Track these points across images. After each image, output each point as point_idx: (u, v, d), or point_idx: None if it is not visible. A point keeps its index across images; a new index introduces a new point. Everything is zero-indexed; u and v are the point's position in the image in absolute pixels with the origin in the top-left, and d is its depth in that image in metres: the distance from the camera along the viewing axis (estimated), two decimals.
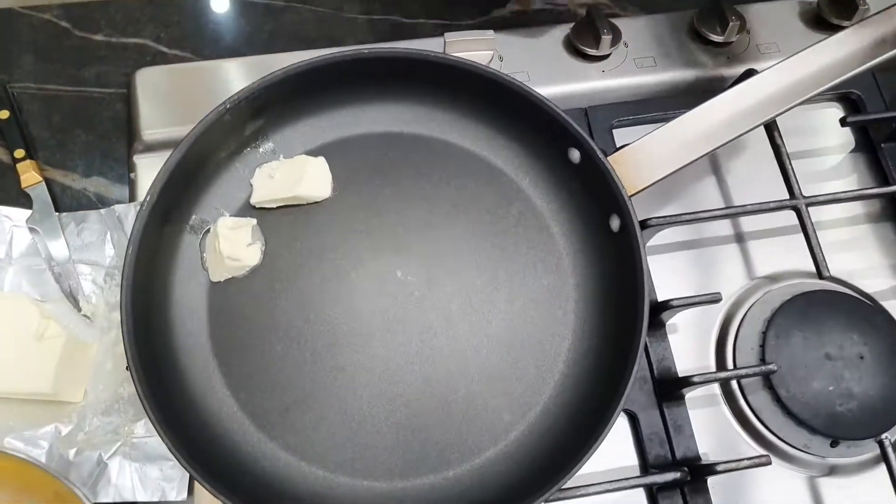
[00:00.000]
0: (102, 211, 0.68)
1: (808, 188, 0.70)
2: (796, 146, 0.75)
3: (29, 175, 0.69)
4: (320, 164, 0.65)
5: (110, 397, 0.64)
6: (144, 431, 0.62)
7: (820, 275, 0.66)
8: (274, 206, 0.64)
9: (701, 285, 0.72)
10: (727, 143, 0.64)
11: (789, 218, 0.72)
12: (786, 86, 0.66)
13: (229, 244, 0.62)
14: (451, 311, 0.63)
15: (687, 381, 0.63)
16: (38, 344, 0.62)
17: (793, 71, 0.66)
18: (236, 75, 0.74)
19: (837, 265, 0.67)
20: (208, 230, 0.64)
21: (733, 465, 0.61)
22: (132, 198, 0.70)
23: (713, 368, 0.69)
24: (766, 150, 0.75)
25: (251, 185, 0.65)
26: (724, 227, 0.74)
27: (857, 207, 0.75)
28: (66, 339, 0.62)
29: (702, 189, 0.76)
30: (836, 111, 0.79)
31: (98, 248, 0.68)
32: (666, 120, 0.68)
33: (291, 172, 0.64)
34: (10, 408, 0.63)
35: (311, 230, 0.65)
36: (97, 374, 0.64)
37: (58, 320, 0.64)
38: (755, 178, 0.76)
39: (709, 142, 0.64)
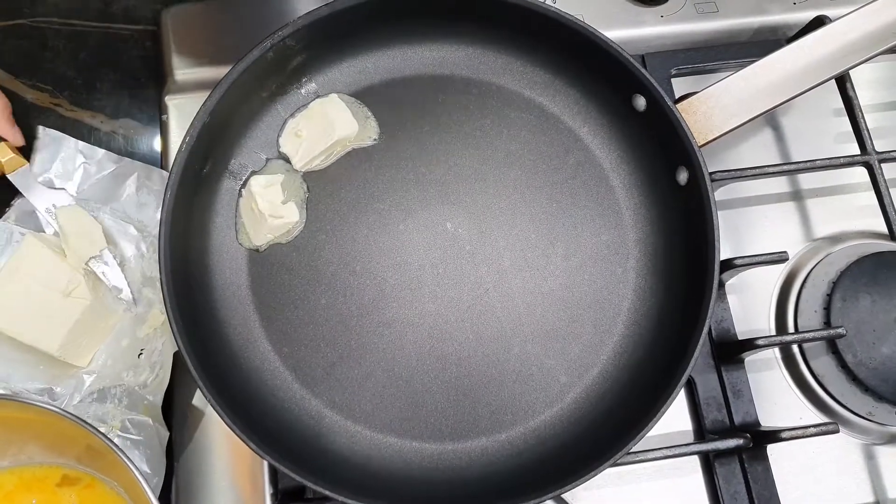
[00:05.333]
0: (165, 172, 0.64)
1: (877, 144, 0.66)
2: (865, 100, 0.71)
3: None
4: (335, 101, 0.61)
5: (112, 379, 0.59)
6: (130, 427, 0.58)
7: (892, 235, 0.63)
8: (322, 160, 0.61)
9: (757, 245, 0.68)
10: (802, 93, 0.60)
11: (852, 175, 0.69)
12: (863, 35, 0.62)
13: (267, 203, 0.58)
14: (503, 267, 0.60)
15: (751, 344, 0.60)
16: (61, 300, 0.59)
17: (871, 19, 0.62)
18: (275, 13, 0.69)
19: None
20: (248, 177, 0.60)
21: (799, 432, 0.58)
22: (164, 141, 0.66)
23: (772, 331, 0.66)
24: (820, 104, 0.72)
25: (285, 156, 0.61)
26: (778, 185, 0.71)
27: None
28: (89, 304, 0.59)
29: (754, 145, 0.72)
30: None
31: (152, 210, 0.64)
32: (728, 69, 0.65)
33: (317, 122, 0.61)
34: (13, 351, 0.59)
35: (356, 178, 0.61)
36: (110, 345, 0.60)
37: (90, 279, 0.60)
38: (808, 134, 0.72)
39: (782, 92, 0.60)
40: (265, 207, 0.58)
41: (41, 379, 0.59)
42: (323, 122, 0.60)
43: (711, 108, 0.59)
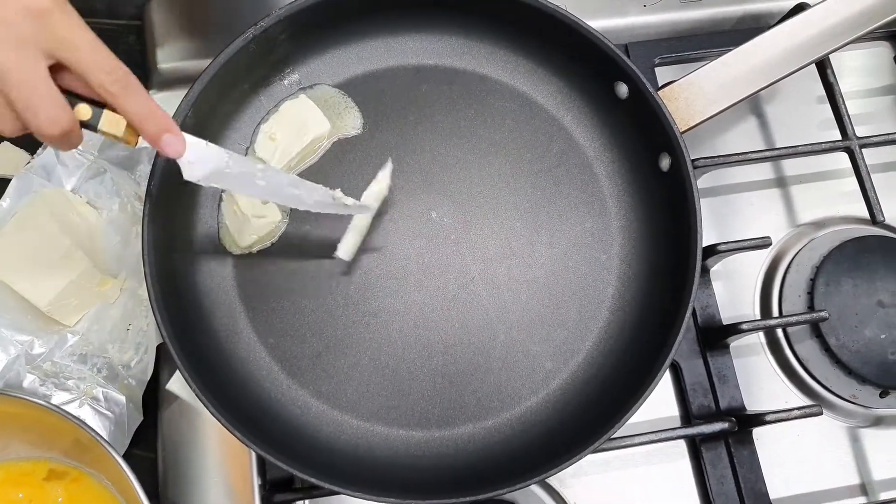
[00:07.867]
0: None
1: (858, 130, 0.67)
2: (846, 87, 0.71)
3: None
4: (304, 101, 0.61)
5: (97, 346, 0.60)
6: (102, 400, 0.59)
7: (874, 220, 0.63)
8: (298, 160, 0.60)
9: (741, 232, 0.68)
10: (782, 78, 0.61)
11: (835, 161, 0.69)
12: (842, 20, 0.62)
13: (249, 203, 0.58)
14: (488, 255, 0.60)
15: (735, 329, 0.60)
16: (61, 259, 0.60)
17: (849, 4, 0.63)
18: (260, 5, 0.69)
19: (892, 211, 0.65)
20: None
21: (783, 415, 0.58)
22: None
23: (756, 317, 0.66)
24: (803, 92, 0.72)
25: (262, 161, 0.60)
26: (762, 172, 0.71)
27: None
28: (85, 268, 0.60)
29: (738, 133, 0.72)
30: (887, 50, 0.75)
31: None
32: (711, 58, 0.65)
33: (289, 122, 0.60)
34: (5, 297, 0.60)
35: (340, 169, 0.61)
36: (101, 311, 0.61)
37: (92, 242, 0.61)
38: (792, 121, 0.72)
39: (762, 77, 0.60)
40: (247, 208, 0.58)
41: (26, 329, 0.60)
42: (295, 123, 0.60)
43: (693, 94, 0.59)
